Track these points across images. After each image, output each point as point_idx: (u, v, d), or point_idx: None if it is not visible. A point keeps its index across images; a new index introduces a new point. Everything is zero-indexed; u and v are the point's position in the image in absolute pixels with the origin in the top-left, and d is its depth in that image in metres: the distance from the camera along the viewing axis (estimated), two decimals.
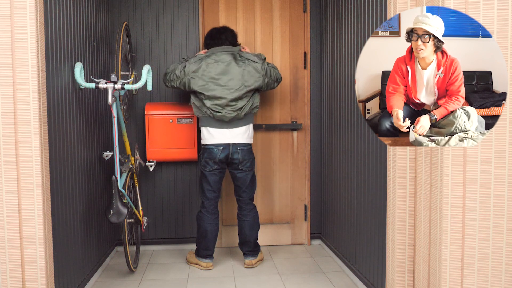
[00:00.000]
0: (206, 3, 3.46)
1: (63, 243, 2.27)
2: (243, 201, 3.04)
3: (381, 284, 2.37)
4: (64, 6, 2.31)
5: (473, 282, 1.85)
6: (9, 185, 1.91)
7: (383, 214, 2.33)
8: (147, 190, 3.47)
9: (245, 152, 2.93)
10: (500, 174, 1.84)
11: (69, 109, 2.37)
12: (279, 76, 3.03)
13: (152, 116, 3.27)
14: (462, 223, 1.83)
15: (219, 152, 2.89)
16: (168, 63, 3.45)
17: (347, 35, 2.87)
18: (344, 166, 3.00)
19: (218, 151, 2.89)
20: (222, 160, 2.91)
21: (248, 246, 3.06)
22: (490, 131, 1.78)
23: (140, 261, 3.23)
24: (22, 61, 1.89)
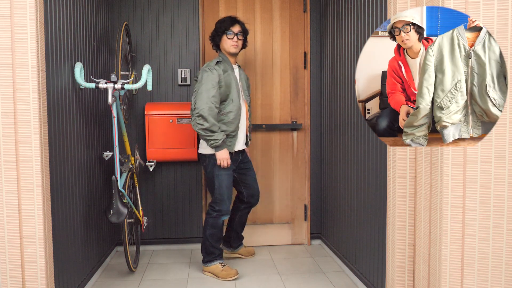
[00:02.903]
0: (206, 3, 3.46)
1: (63, 243, 2.27)
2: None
3: (381, 284, 2.37)
4: (64, 6, 2.31)
5: (473, 282, 1.85)
6: (9, 185, 1.91)
7: (383, 214, 2.33)
8: (147, 190, 3.47)
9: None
10: (500, 174, 1.84)
11: (69, 109, 2.37)
12: (194, 107, 2.76)
13: (152, 116, 3.27)
14: (462, 223, 1.83)
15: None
16: (168, 63, 3.45)
17: (347, 35, 2.87)
18: (344, 166, 3.00)
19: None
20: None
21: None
22: (490, 131, 1.78)
23: (140, 261, 3.23)
24: (22, 61, 1.89)
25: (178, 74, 3.45)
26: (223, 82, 2.80)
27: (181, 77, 3.45)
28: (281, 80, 3.52)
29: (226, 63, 2.90)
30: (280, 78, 3.51)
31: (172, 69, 3.46)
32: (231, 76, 2.86)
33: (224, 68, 2.86)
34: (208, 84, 2.74)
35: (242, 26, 2.95)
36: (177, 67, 3.46)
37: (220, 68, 2.83)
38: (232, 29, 2.90)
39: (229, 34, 2.88)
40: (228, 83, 2.83)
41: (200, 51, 3.45)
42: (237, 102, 2.86)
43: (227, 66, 2.88)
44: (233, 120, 2.85)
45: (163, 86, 3.44)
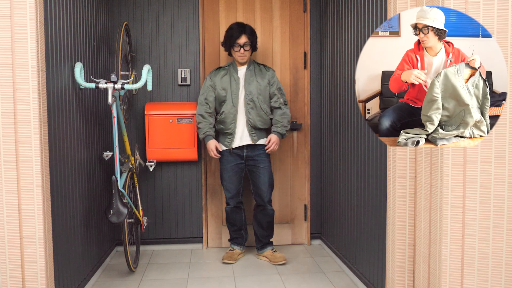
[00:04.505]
0: (206, 3, 3.46)
1: (63, 243, 2.27)
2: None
3: (381, 284, 2.37)
4: (64, 6, 2.31)
5: (473, 282, 1.85)
6: (9, 185, 1.91)
7: (383, 214, 2.33)
8: (147, 190, 3.47)
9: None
10: (500, 174, 1.84)
11: (69, 109, 2.37)
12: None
13: (152, 116, 3.27)
14: (462, 223, 1.83)
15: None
16: (168, 63, 3.45)
17: (347, 35, 2.87)
18: (344, 166, 3.00)
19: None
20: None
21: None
22: (490, 131, 1.78)
23: (140, 261, 3.23)
24: (22, 61, 1.89)
25: (178, 74, 3.45)
26: (219, 86, 3.12)
27: (181, 77, 3.45)
28: (281, 80, 3.51)
29: (232, 67, 3.16)
30: (280, 78, 3.51)
31: (172, 69, 3.46)
32: (229, 80, 3.12)
33: (225, 73, 3.15)
34: (202, 89, 3.20)
35: (249, 35, 3.08)
36: (177, 67, 3.46)
37: (220, 74, 3.15)
38: (239, 41, 3.07)
39: (236, 47, 3.08)
40: (225, 86, 3.12)
41: (200, 51, 3.45)
42: (230, 102, 3.09)
43: (232, 70, 3.14)
44: (225, 119, 3.10)
45: (163, 86, 3.44)
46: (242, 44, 3.06)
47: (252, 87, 3.10)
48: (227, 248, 3.44)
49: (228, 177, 3.17)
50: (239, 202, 3.22)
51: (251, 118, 3.09)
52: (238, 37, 3.05)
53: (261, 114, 3.10)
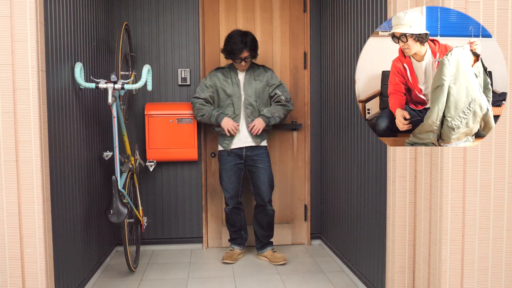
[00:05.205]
0: (206, 3, 3.46)
1: (63, 243, 2.27)
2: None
3: (381, 284, 2.37)
4: (64, 6, 2.31)
5: (473, 282, 1.85)
6: (9, 185, 1.91)
7: (383, 214, 2.33)
8: (147, 190, 3.47)
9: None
10: (500, 174, 1.84)
11: (69, 109, 2.37)
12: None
13: (152, 116, 3.27)
14: (462, 223, 1.83)
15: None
16: (168, 63, 3.45)
17: (347, 35, 2.87)
18: (344, 166, 2.99)
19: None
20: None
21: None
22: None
23: (140, 261, 3.23)
24: (22, 61, 1.89)
25: (178, 74, 3.45)
26: (220, 87, 3.14)
27: (181, 77, 3.45)
28: (281, 80, 3.51)
29: (232, 69, 3.18)
30: (280, 78, 3.51)
31: (172, 69, 3.46)
32: (229, 83, 3.13)
33: (225, 75, 3.16)
34: (199, 87, 3.20)
35: (250, 49, 3.06)
36: (177, 67, 3.46)
37: (220, 76, 3.16)
38: (240, 56, 3.05)
39: (237, 60, 3.09)
40: (227, 90, 3.13)
41: (200, 51, 3.45)
42: (231, 107, 3.11)
43: (232, 74, 3.15)
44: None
45: (163, 86, 3.44)
46: (243, 58, 3.06)
47: (251, 91, 3.12)
48: (227, 248, 3.44)
49: (227, 177, 3.18)
50: (238, 203, 3.22)
51: (251, 122, 3.10)
52: (240, 52, 3.03)
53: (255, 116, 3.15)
